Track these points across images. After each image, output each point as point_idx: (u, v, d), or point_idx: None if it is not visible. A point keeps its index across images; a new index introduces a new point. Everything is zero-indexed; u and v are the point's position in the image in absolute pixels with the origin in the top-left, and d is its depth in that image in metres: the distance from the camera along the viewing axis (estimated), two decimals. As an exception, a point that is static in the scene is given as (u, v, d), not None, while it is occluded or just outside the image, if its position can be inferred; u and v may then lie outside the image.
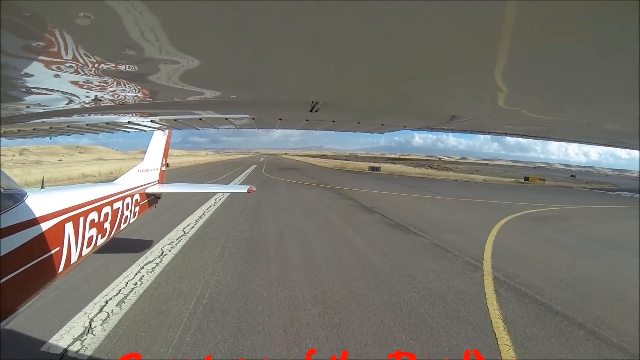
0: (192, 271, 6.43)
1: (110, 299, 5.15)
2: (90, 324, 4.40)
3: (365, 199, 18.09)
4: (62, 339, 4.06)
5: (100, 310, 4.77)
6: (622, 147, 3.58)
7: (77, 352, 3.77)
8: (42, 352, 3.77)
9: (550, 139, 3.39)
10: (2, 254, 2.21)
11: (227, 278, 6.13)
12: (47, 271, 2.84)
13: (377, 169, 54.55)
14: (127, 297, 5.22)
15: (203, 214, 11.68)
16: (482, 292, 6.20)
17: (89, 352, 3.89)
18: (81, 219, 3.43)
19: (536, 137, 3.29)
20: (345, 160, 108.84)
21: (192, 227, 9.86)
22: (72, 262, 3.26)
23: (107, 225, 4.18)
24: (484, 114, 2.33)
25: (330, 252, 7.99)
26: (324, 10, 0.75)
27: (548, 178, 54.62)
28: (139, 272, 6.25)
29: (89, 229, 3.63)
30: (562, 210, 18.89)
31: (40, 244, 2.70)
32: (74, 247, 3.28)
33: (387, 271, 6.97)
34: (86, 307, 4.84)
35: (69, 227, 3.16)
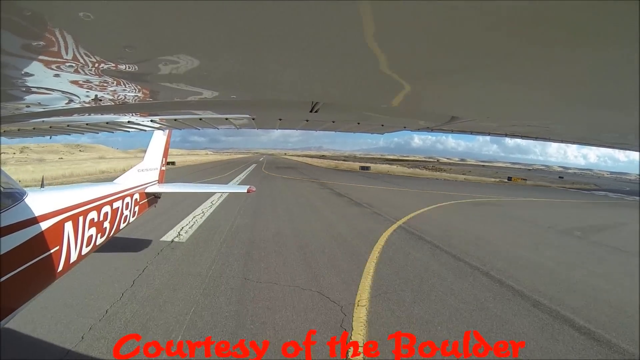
0: (223, 220, 10.94)
1: (183, 227, 9.70)
2: (179, 233, 9.02)
3: (342, 189, 22.90)
4: (168, 237, 8.48)
5: (181, 230, 9.38)
6: (622, 149, 3.58)
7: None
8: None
9: (550, 140, 3.39)
10: (1, 253, 2.21)
11: (243, 221, 10.81)
12: (46, 270, 2.84)
13: (367, 168, 58.57)
14: (191, 227, 9.79)
15: (220, 195, 15.65)
16: (385, 230, 10.50)
17: (183, 239, 8.37)
18: (81, 218, 3.43)
19: (536, 138, 3.29)
20: (344, 160, 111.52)
21: (215, 202, 14.13)
22: (71, 261, 3.26)
23: (106, 224, 4.18)
24: (484, 115, 2.33)
25: (303, 213, 12.93)
26: (324, 10, 0.75)
27: (537, 179, 57.71)
28: (192, 219, 10.81)
29: (89, 228, 3.63)
30: (506, 201, 22.38)
31: (40, 243, 2.70)
32: (74, 246, 3.28)
33: (334, 221, 11.80)
34: (172, 229, 9.40)
35: (68, 227, 3.16)
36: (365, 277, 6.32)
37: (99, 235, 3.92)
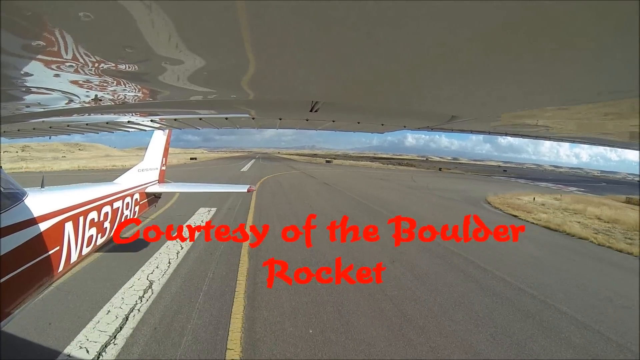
0: (254, 168, 47.40)
1: (244, 167, 47.89)
2: (243, 170, 44.53)
3: (300, 168, 47.93)
4: (242, 169, 45.93)
5: (243, 167, 49.73)
6: (622, 148, 3.58)
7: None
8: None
9: (550, 139, 3.38)
10: (1, 254, 2.21)
11: (261, 169, 46.79)
12: (47, 270, 2.84)
13: (330, 161, 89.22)
14: (248, 168, 47.10)
15: (250, 161, 59.85)
16: (296, 172, 40.53)
17: (246, 170, 44.45)
18: (81, 219, 3.42)
19: (536, 137, 3.29)
20: (334, 158, 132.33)
21: (248, 165, 53.34)
22: (72, 261, 3.26)
23: (107, 224, 4.17)
24: (484, 114, 2.33)
25: (273, 169, 47.13)
26: (325, 10, 0.75)
27: (463, 170, 78.75)
28: (247, 166, 51.85)
29: (89, 229, 3.62)
30: (387, 173, 48.22)
31: (40, 243, 2.70)
32: (74, 246, 3.28)
33: (282, 170, 45.29)
34: (241, 169, 46.43)
35: (68, 227, 3.16)
36: (280, 172, 38.84)
37: (99, 235, 3.92)
